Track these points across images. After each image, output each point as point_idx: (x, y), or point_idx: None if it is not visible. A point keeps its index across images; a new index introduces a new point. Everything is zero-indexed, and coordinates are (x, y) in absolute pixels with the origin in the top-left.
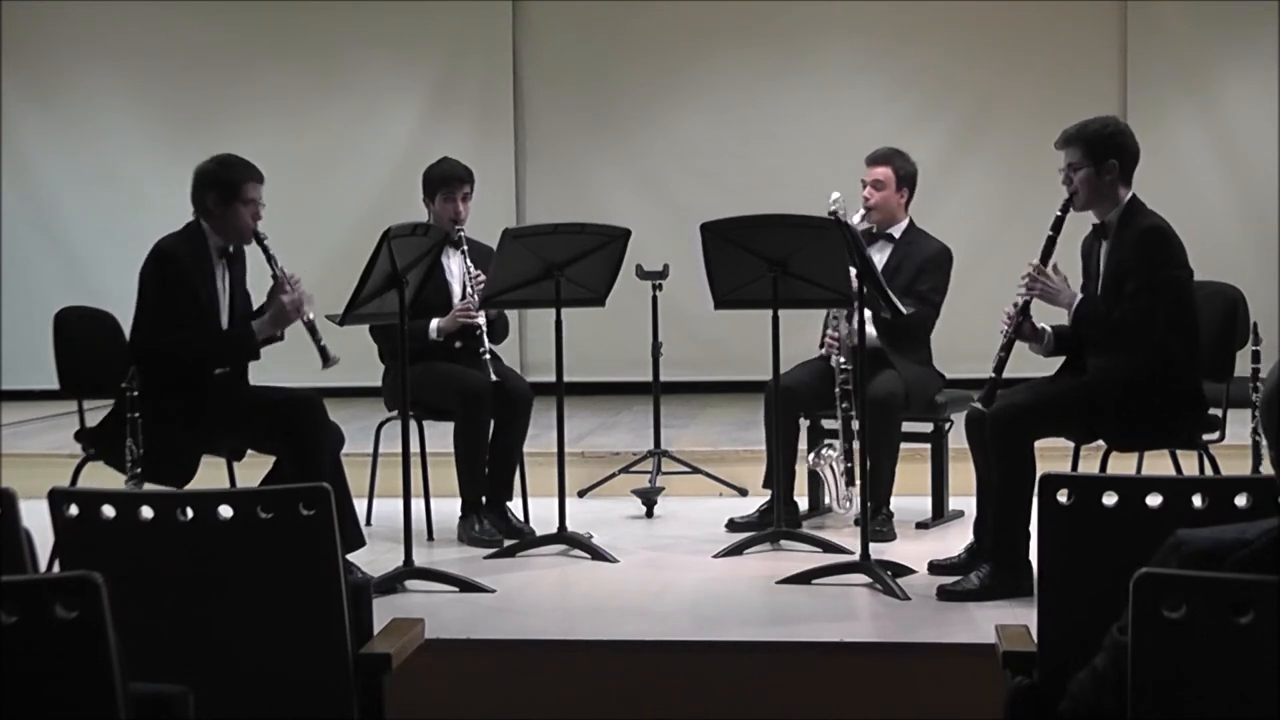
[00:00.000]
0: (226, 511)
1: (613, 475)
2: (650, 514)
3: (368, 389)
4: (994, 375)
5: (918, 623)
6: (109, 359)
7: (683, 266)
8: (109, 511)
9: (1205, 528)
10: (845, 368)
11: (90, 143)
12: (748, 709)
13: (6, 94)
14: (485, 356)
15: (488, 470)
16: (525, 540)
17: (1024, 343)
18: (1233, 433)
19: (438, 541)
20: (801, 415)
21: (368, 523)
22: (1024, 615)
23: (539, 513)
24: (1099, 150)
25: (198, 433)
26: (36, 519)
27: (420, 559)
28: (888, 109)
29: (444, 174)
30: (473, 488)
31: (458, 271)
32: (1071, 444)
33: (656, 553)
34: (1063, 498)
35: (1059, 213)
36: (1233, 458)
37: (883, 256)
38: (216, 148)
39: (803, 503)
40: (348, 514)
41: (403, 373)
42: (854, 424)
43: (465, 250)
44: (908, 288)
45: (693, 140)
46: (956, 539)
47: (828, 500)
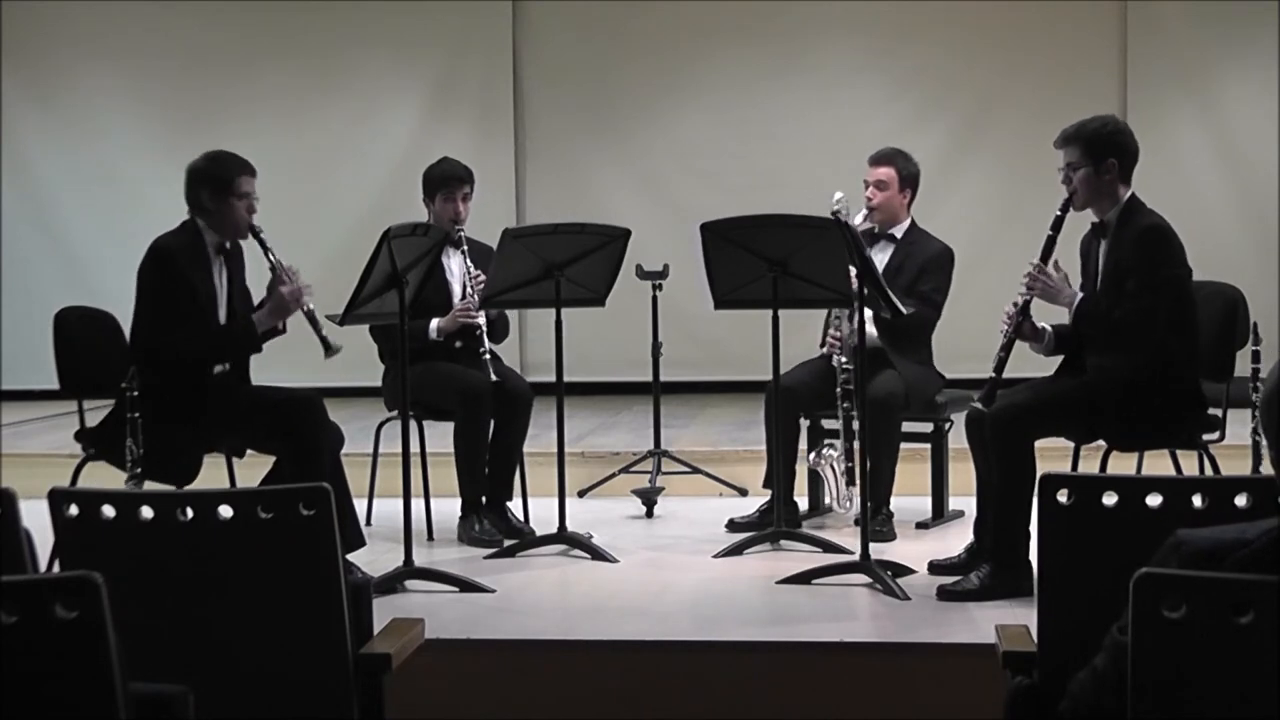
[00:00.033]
0: (226, 511)
1: (613, 475)
2: (650, 514)
3: (368, 389)
4: (994, 375)
5: (918, 623)
6: (109, 359)
7: (683, 266)
8: (109, 511)
9: (1205, 528)
10: (847, 367)
11: (90, 143)
12: (748, 709)
13: (6, 94)
14: (485, 356)
15: (488, 470)
16: (525, 540)
17: (1024, 342)
18: (1233, 433)
19: (438, 541)
20: (802, 415)
21: (368, 523)
22: (1024, 615)
23: (539, 513)
24: (1098, 149)
25: (198, 432)
26: (36, 519)
27: (420, 559)
28: (888, 109)
29: (444, 174)
30: (473, 488)
31: (458, 271)
32: (1071, 444)
33: (656, 553)
34: (1063, 498)
35: (1059, 212)
36: (1233, 458)
37: (885, 257)
38: (216, 148)
39: (803, 503)
40: (348, 514)
41: (403, 373)
42: (855, 424)
43: (465, 250)
44: (909, 288)
45: (693, 140)
46: (956, 539)
47: (828, 500)
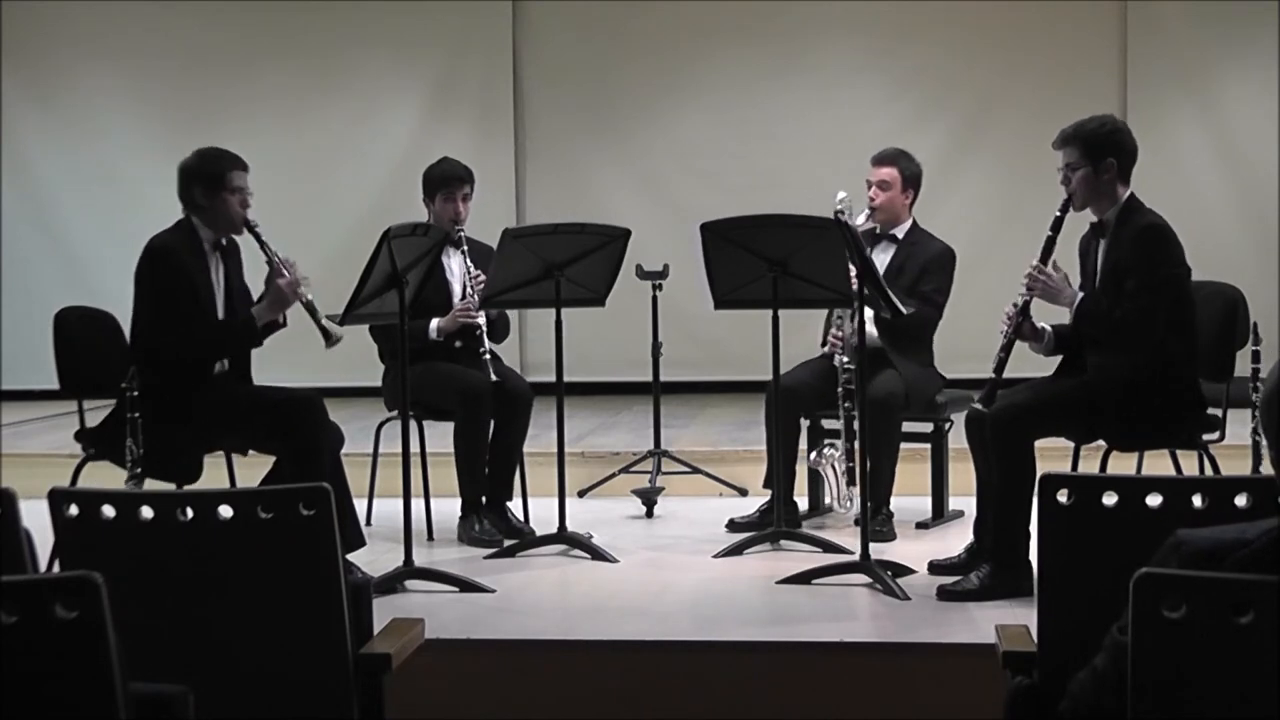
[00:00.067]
0: (226, 511)
1: (613, 475)
2: (650, 514)
3: (368, 389)
4: (994, 376)
5: (918, 623)
6: (109, 359)
7: (683, 266)
8: (109, 511)
9: (1205, 528)
10: (849, 367)
11: (90, 143)
12: (748, 709)
13: (6, 94)
14: (485, 356)
15: (488, 470)
16: (525, 540)
17: (1024, 342)
18: (1233, 433)
19: (438, 541)
20: (802, 415)
21: (368, 523)
22: (1024, 615)
23: (539, 513)
24: (1097, 149)
25: (198, 432)
26: (36, 519)
27: (420, 559)
28: (888, 109)
29: (444, 174)
30: (473, 488)
31: (458, 271)
32: (1071, 444)
33: (656, 553)
34: (1063, 498)
35: (1058, 213)
36: (1233, 458)
37: (886, 257)
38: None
39: (803, 503)
40: (348, 514)
41: (403, 373)
42: (856, 424)
43: (465, 250)
44: (911, 288)
45: (693, 140)
46: (956, 539)
47: (828, 500)
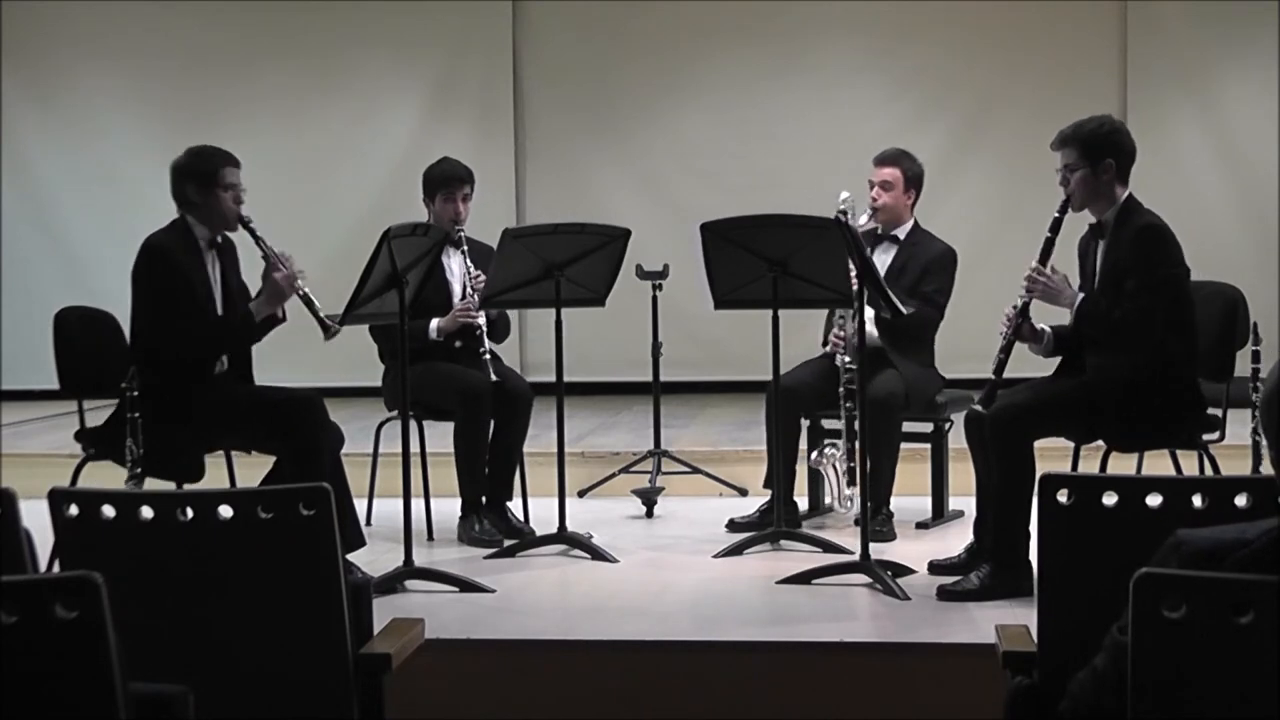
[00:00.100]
0: (226, 511)
1: (613, 475)
2: (650, 514)
3: (368, 389)
4: (994, 377)
5: (918, 623)
6: (109, 359)
7: (683, 266)
8: (109, 511)
9: (1205, 528)
10: (850, 367)
11: (90, 143)
12: (748, 709)
13: (6, 94)
14: (485, 356)
15: (488, 470)
16: (525, 540)
17: (1024, 344)
18: (1233, 433)
19: (438, 541)
20: (802, 415)
21: (368, 523)
22: (1024, 615)
23: (539, 513)
24: (1095, 150)
25: (198, 432)
26: (36, 519)
27: (420, 559)
28: (888, 109)
29: (444, 174)
30: (473, 488)
31: (458, 271)
32: (1071, 444)
33: (656, 553)
34: (1063, 498)
35: (1057, 213)
36: (1233, 458)
37: (887, 257)
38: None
39: (803, 503)
40: (348, 514)
41: (403, 373)
42: (857, 423)
43: (465, 250)
44: (912, 289)
45: (693, 140)
46: (956, 539)
47: (828, 499)
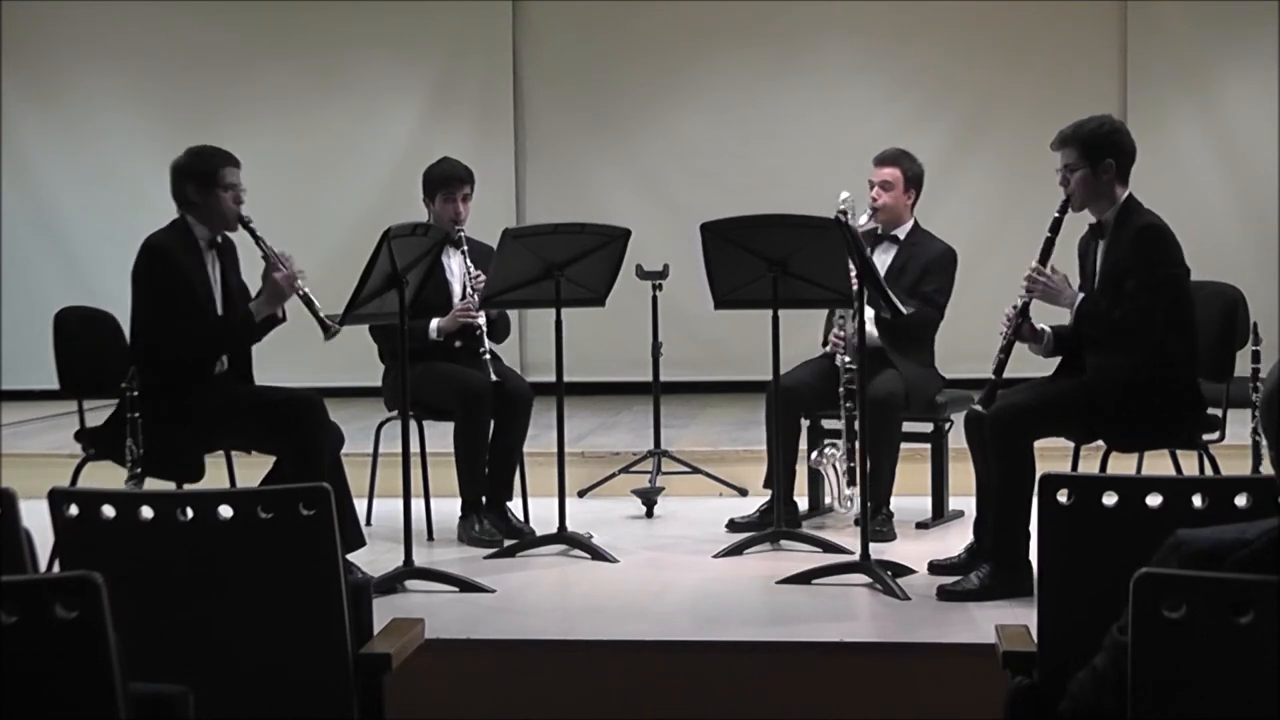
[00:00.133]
0: (226, 511)
1: (613, 475)
2: (650, 514)
3: (368, 389)
4: (994, 377)
5: (918, 623)
6: (109, 359)
7: (683, 266)
8: (109, 511)
9: (1205, 528)
10: (851, 367)
11: (90, 143)
12: (748, 709)
13: (6, 94)
14: (485, 356)
15: (488, 470)
16: (525, 540)
17: (1024, 344)
18: (1233, 433)
19: (438, 541)
20: (802, 415)
21: (368, 523)
22: (1024, 615)
23: (539, 513)
24: (1095, 150)
25: (198, 432)
26: (36, 519)
27: (420, 559)
28: (888, 109)
29: (444, 174)
30: (473, 488)
31: (458, 271)
32: (1071, 444)
33: (656, 553)
34: (1063, 498)
35: (1056, 214)
36: (1233, 458)
37: (887, 258)
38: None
39: (803, 503)
40: (348, 514)
41: (403, 373)
42: (857, 423)
43: (465, 250)
44: (913, 289)
45: (693, 140)
46: (956, 539)
47: (828, 499)
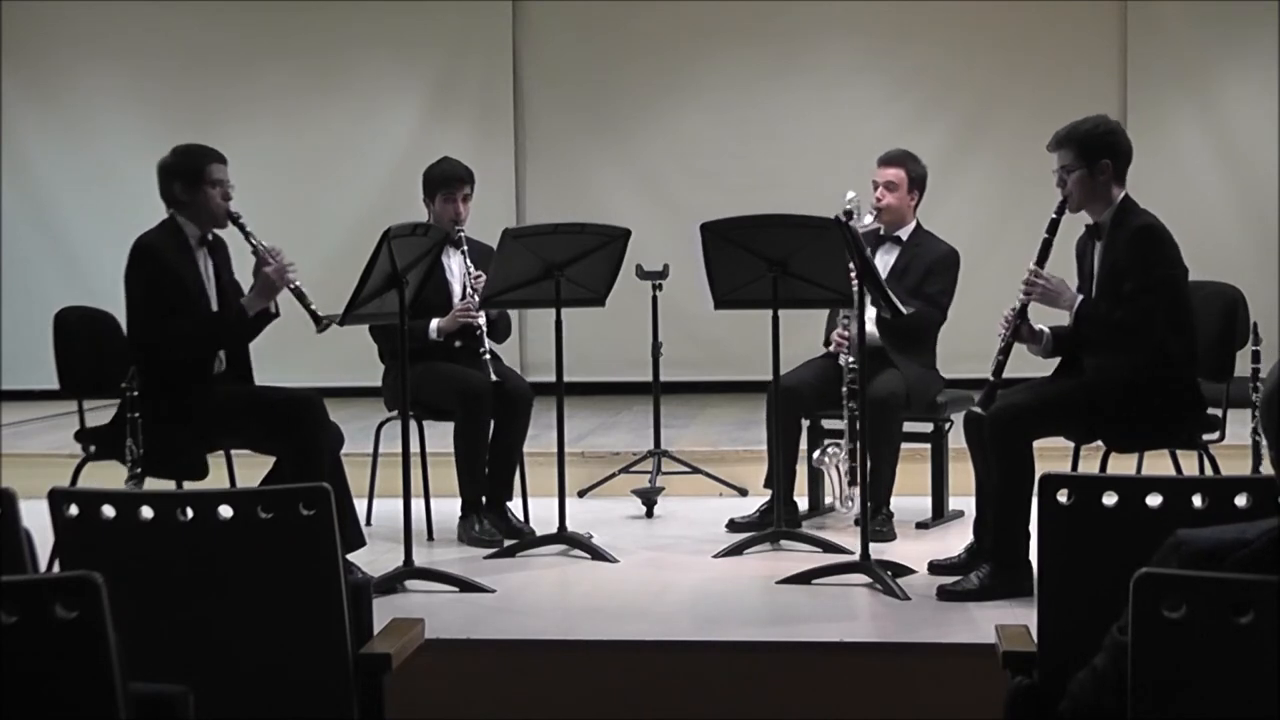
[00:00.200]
0: (226, 511)
1: (613, 475)
2: (650, 514)
3: (368, 389)
4: (992, 378)
5: (918, 623)
6: (109, 359)
7: (683, 266)
8: (109, 511)
9: (1205, 528)
10: (854, 367)
11: (90, 143)
12: (748, 709)
13: (6, 94)
14: (485, 356)
15: (488, 470)
16: (525, 540)
17: (1022, 344)
18: (1233, 433)
19: (438, 541)
20: (803, 415)
21: (368, 523)
22: (1024, 615)
23: (539, 513)
24: (1092, 151)
25: (198, 432)
26: (36, 519)
27: (420, 559)
28: (888, 109)
29: (444, 174)
30: (473, 488)
31: (458, 271)
32: (1071, 444)
33: (656, 553)
34: (1063, 498)
35: (1054, 215)
36: (1233, 458)
37: (890, 258)
38: (216, 147)
39: (803, 503)
40: (348, 514)
41: (403, 373)
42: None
43: (465, 250)
44: (915, 290)
45: (693, 140)
46: (956, 539)
47: (830, 499)
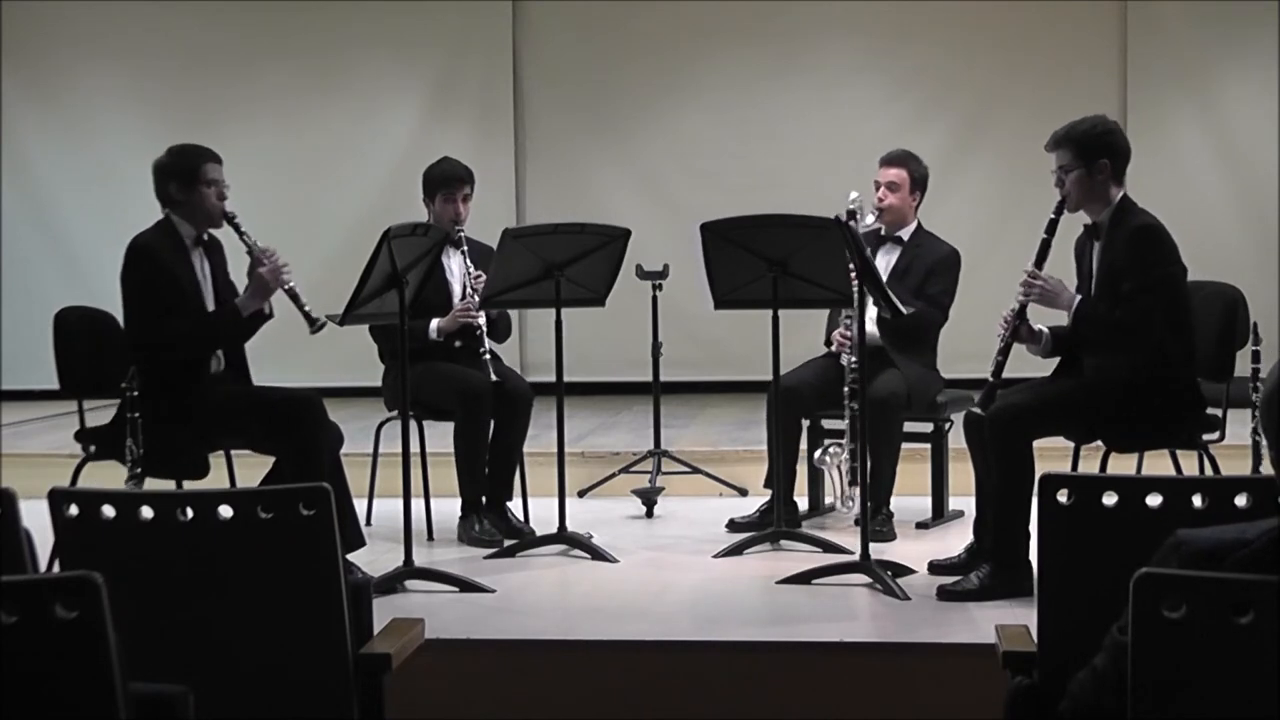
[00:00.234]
0: (226, 511)
1: (613, 475)
2: (650, 514)
3: (368, 389)
4: (992, 379)
5: (918, 623)
6: (109, 359)
7: (683, 266)
8: (109, 511)
9: (1205, 528)
10: (855, 366)
11: (90, 143)
12: (748, 709)
13: (6, 94)
14: (485, 356)
15: (488, 470)
16: (525, 540)
17: (1021, 344)
18: (1233, 433)
19: (438, 541)
20: (803, 415)
21: (368, 523)
22: (1024, 615)
23: (539, 513)
24: (1090, 150)
25: (197, 432)
26: (36, 519)
27: (420, 559)
28: (888, 109)
29: (444, 174)
30: (473, 488)
31: (458, 271)
32: (1071, 444)
33: (656, 553)
34: (1063, 498)
35: (1052, 215)
36: (1233, 458)
37: (891, 259)
38: (216, 147)
39: (803, 503)
40: (348, 514)
41: (403, 373)
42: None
43: (465, 250)
44: (917, 290)
45: (693, 140)
46: (956, 539)
47: (831, 499)
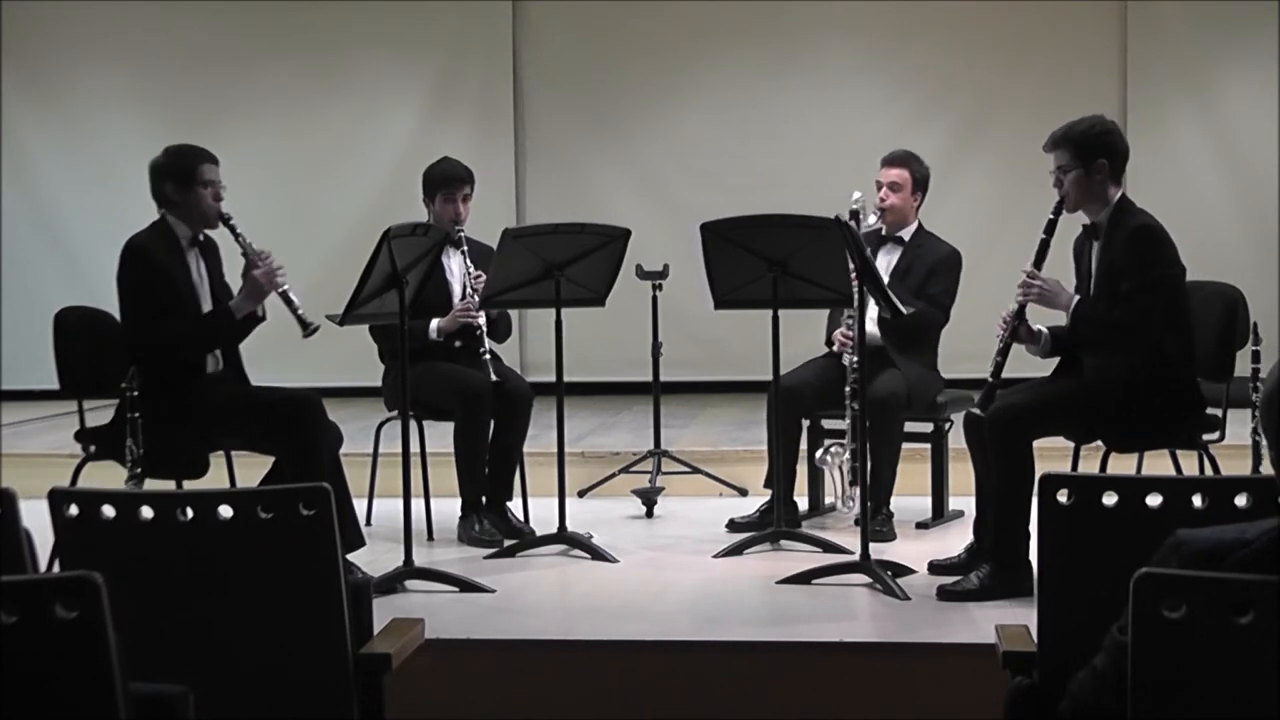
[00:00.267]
0: (226, 511)
1: (613, 475)
2: (650, 514)
3: (368, 389)
4: (991, 380)
5: (918, 623)
6: (109, 359)
7: (683, 266)
8: (109, 511)
9: (1205, 528)
10: (857, 366)
11: (90, 143)
12: (748, 709)
13: (6, 94)
14: (485, 356)
15: (488, 470)
16: (525, 540)
17: (1021, 345)
18: (1233, 433)
19: (438, 541)
20: (803, 415)
21: (368, 523)
22: (1024, 615)
23: (539, 513)
24: (1088, 150)
25: (197, 432)
26: (36, 519)
27: (420, 559)
28: (888, 109)
29: (444, 174)
30: (473, 488)
31: (458, 271)
32: (1071, 444)
33: (656, 553)
34: (1063, 498)
35: (1051, 215)
36: (1233, 458)
37: (892, 259)
38: (216, 147)
39: (803, 503)
40: (347, 514)
41: (403, 373)
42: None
43: (465, 250)
44: (918, 290)
45: (693, 140)
46: (956, 539)
47: (831, 498)
